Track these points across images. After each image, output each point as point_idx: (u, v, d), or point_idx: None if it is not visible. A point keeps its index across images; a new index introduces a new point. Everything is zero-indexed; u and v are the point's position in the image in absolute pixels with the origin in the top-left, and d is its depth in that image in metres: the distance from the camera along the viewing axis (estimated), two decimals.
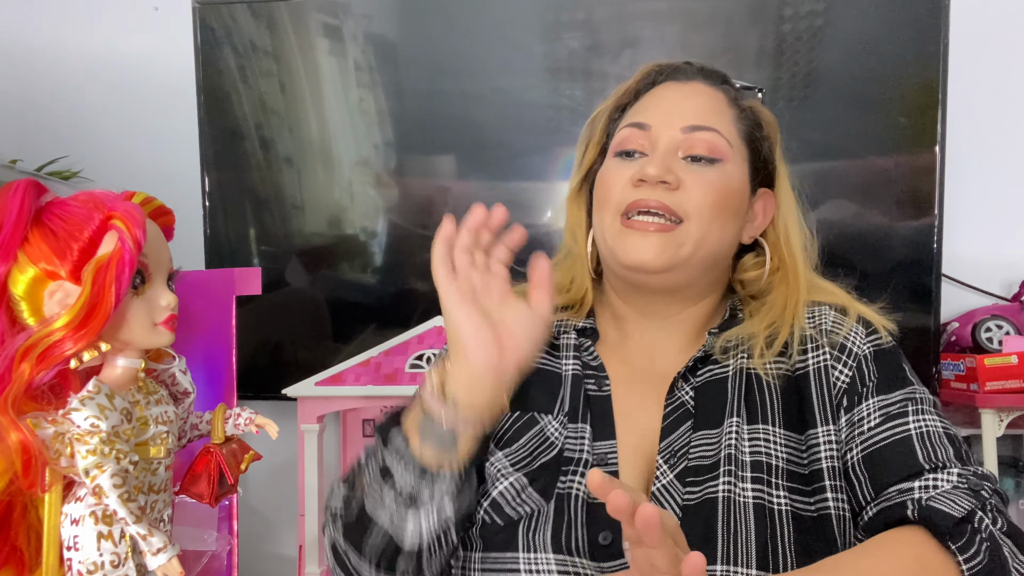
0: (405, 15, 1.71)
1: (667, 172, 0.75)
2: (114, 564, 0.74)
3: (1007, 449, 1.71)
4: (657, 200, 0.74)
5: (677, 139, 0.77)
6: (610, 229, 0.78)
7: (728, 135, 0.78)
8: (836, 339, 0.77)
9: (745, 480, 0.71)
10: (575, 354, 0.83)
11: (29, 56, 1.92)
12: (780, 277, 0.82)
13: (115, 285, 0.74)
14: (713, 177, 0.76)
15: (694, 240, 0.75)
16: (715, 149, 0.77)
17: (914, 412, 0.73)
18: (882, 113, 1.59)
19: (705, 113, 0.78)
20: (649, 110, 0.81)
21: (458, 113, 1.69)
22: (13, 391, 0.71)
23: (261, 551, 1.84)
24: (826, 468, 0.72)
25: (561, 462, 0.75)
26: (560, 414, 0.78)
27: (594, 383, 0.80)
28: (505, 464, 0.76)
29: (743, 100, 0.83)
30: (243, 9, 1.71)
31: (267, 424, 0.97)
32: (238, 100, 1.73)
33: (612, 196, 0.78)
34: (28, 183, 0.76)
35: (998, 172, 1.74)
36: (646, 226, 0.75)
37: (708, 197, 0.75)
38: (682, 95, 0.81)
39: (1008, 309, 1.64)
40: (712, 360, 0.79)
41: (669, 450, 0.74)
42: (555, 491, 0.74)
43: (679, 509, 0.71)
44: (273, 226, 1.74)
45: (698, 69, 0.83)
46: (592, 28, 1.65)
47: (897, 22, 1.57)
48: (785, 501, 0.70)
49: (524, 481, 0.74)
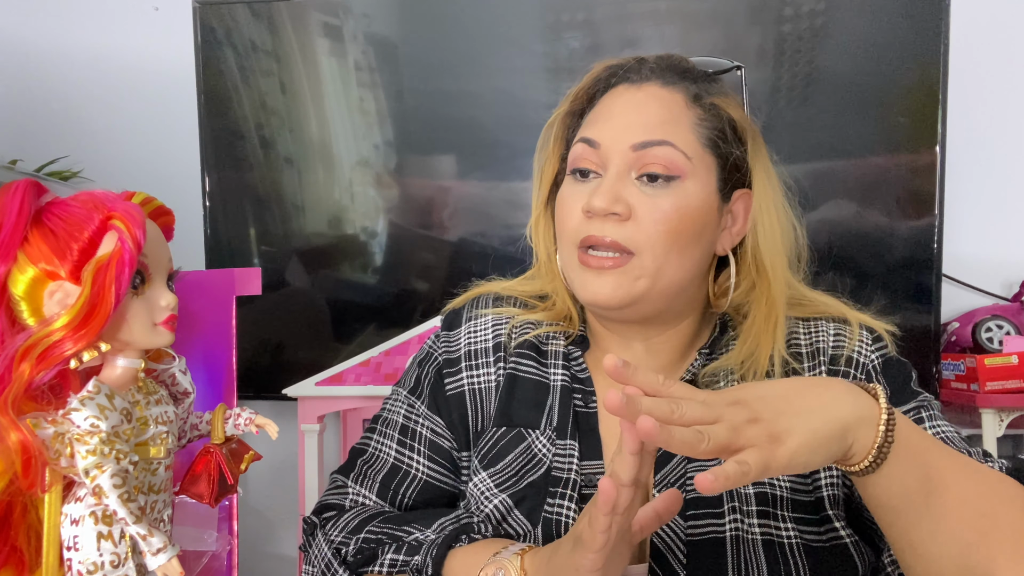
0: (405, 15, 1.71)
1: (614, 202, 0.69)
2: (114, 564, 0.74)
3: (1007, 449, 1.71)
4: (609, 237, 0.69)
5: (628, 158, 0.71)
6: (569, 263, 0.74)
7: (685, 146, 0.71)
8: (841, 353, 0.74)
9: (751, 515, 0.68)
10: (563, 363, 0.79)
11: (29, 56, 1.92)
12: (756, 295, 0.75)
13: (115, 285, 0.74)
14: (667, 202, 0.70)
15: (649, 273, 0.70)
16: (670, 166, 0.70)
17: (929, 419, 0.71)
18: (882, 113, 1.59)
19: (658, 124, 0.71)
20: (599, 123, 0.74)
21: (458, 113, 1.69)
22: (13, 391, 0.71)
23: (261, 551, 1.84)
24: (827, 497, 0.69)
25: (549, 482, 0.72)
26: (548, 428, 0.75)
27: (581, 398, 0.77)
28: (489, 485, 0.73)
29: (706, 97, 0.74)
30: (243, 9, 1.71)
31: (267, 424, 0.97)
32: (238, 100, 1.73)
33: (568, 227, 0.74)
34: (28, 183, 0.76)
35: (998, 172, 1.74)
36: (601, 262, 0.70)
37: (660, 227, 0.69)
38: (634, 104, 0.73)
39: (1008, 309, 1.65)
40: (695, 383, 0.75)
41: (665, 482, 0.71)
42: (542, 514, 0.71)
43: (683, 544, 0.68)
44: (273, 226, 1.74)
45: (652, 68, 0.75)
46: (592, 28, 1.65)
47: (897, 22, 1.57)
48: (794, 533, 0.67)
49: (509, 503, 0.72)
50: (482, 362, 0.81)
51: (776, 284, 0.74)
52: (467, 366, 0.81)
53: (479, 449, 0.76)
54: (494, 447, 0.76)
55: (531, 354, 0.80)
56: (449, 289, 1.73)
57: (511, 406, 0.77)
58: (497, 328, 0.82)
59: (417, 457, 0.81)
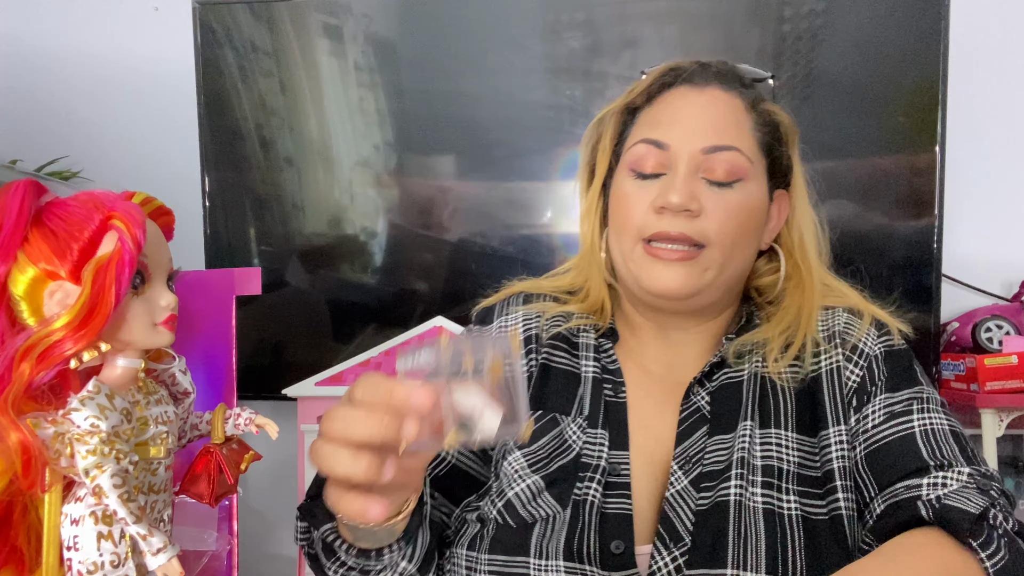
0: (405, 15, 1.71)
1: (690, 200, 0.73)
2: (114, 564, 0.74)
3: (1007, 449, 1.71)
4: (679, 231, 0.73)
5: (697, 160, 0.75)
6: (631, 255, 0.77)
7: (748, 151, 0.76)
8: (849, 340, 0.77)
9: (756, 485, 0.70)
10: (594, 355, 0.81)
11: (29, 56, 1.92)
12: (795, 283, 0.81)
13: (115, 285, 0.74)
14: (734, 200, 0.75)
15: (717, 265, 0.75)
16: (736, 170, 0.75)
17: (920, 410, 0.73)
18: (882, 113, 1.59)
19: (725, 129, 0.76)
20: (665, 124, 0.78)
21: (458, 113, 1.69)
22: (13, 391, 0.71)
23: (261, 551, 1.84)
24: (837, 468, 0.72)
25: (579, 467, 0.74)
26: (579, 417, 0.77)
27: (611, 388, 0.79)
28: (523, 464, 0.75)
29: (760, 104, 0.80)
30: (243, 9, 1.71)
31: (267, 424, 0.97)
32: (238, 100, 1.73)
33: (632, 222, 0.77)
34: (28, 183, 0.76)
35: (998, 172, 1.74)
36: (671, 254, 0.74)
37: (730, 223, 0.74)
38: (699, 107, 0.77)
39: (1008, 309, 1.64)
40: (727, 364, 0.78)
41: (684, 456, 0.74)
42: (571, 497, 0.73)
43: (692, 514, 0.70)
44: (273, 226, 1.74)
45: (714, 72, 0.80)
46: (592, 28, 1.65)
47: (897, 22, 1.57)
48: (795, 506, 0.70)
49: (541, 484, 0.73)
50: None
51: (815, 275, 0.80)
52: None
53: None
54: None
55: (563, 346, 0.82)
56: (449, 289, 1.73)
57: (544, 393, 0.79)
58: (528, 323, 0.84)
59: None
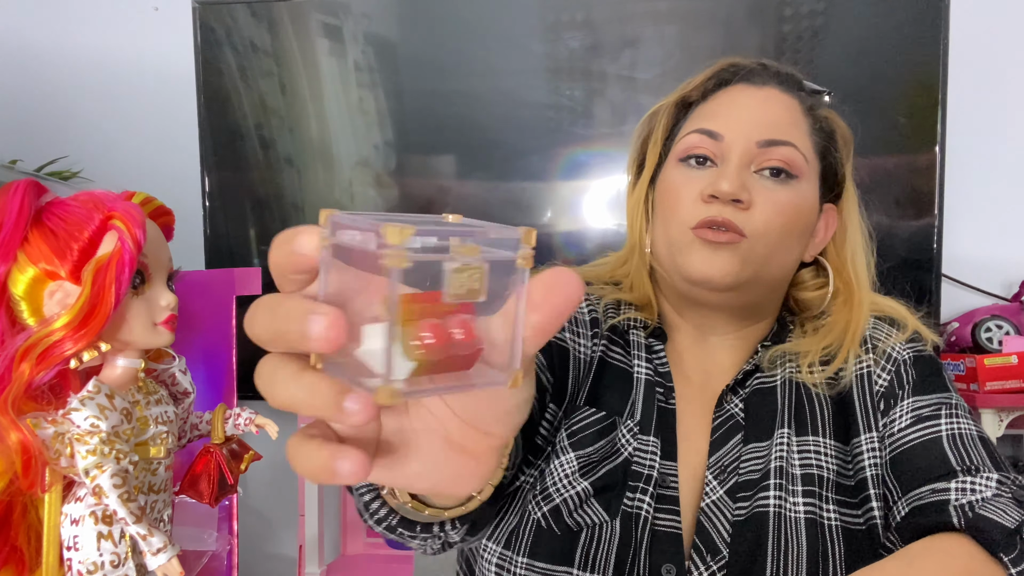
0: (405, 15, 1.71)
1: (741, 189, 0.71)
2: (114, 564, 0.74)
3: (1007, 449, 1.71)
4: (725, 218, 0.71)
5: (752, 152, 0.73)
6: (678, 242, 0.74)
7: (804, 149, 0.74)
8: (877, 345, 0.76)
9: (796, 494, 0.69)
10: (646, 355, 0.78)
11: (29, 56, 1.92)
12: (842, 301, 0.78)
13: (115, 285, 0.74)
14: (785, 197, 0.72)
15: (759, 259, 0.72)
16: (792, 165, 0.73)
17: (948, 415, 0.71)
18: (882, 113, 1.59)
19: (781, 125, 0.74)
20: (720, 116, 0.75)
21: (458, 113, 1.69)
22: (13, 391, 0.72)
23: (261, 551, 1.84)
24: (870, 476, 0.70)
25: (629, 476, 0.71)
26: (630, 421, 0.74)
27: (663, 393, 0.77)
28: (575, 468, 0.71)
29: (818, 109, 0.79)
30: (243, 9, 1.71)
31: (267, 424, 0.97)
32: (238, 100, 1.73)
33: (680, 209, 0.74)
34: (28, 183, 0.76)
35: (998, 172, 1.74)
36: (717, 236, 0.71)
37: (778, 219, 0.72)
38: (756, 102, 0.75)
39: (1008, 309, 1.64)
40: (760, 371, 0.76)
41: (719, 465, 0.72)
42: (621, 507, 0.70)
43: (729, 525, 0.69)
44: (273, 226, 1.74)
45: (774, 73, 0.78)
46: (592, 28, 1.66)
47: (897, 22, 1.57)
48: (836, 516, 0.69)
49: (589, 491, 0.70)
50: (582, 332, 0.79)
51: (865, 295, 0.78)
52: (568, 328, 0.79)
53: (570, 424, 0.75)
54: (586, 428, 0.74)
55: (619, 341, 0.80)
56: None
57: (600, 390, 0.76)
58: (590, 305, 0.82)
59: None
